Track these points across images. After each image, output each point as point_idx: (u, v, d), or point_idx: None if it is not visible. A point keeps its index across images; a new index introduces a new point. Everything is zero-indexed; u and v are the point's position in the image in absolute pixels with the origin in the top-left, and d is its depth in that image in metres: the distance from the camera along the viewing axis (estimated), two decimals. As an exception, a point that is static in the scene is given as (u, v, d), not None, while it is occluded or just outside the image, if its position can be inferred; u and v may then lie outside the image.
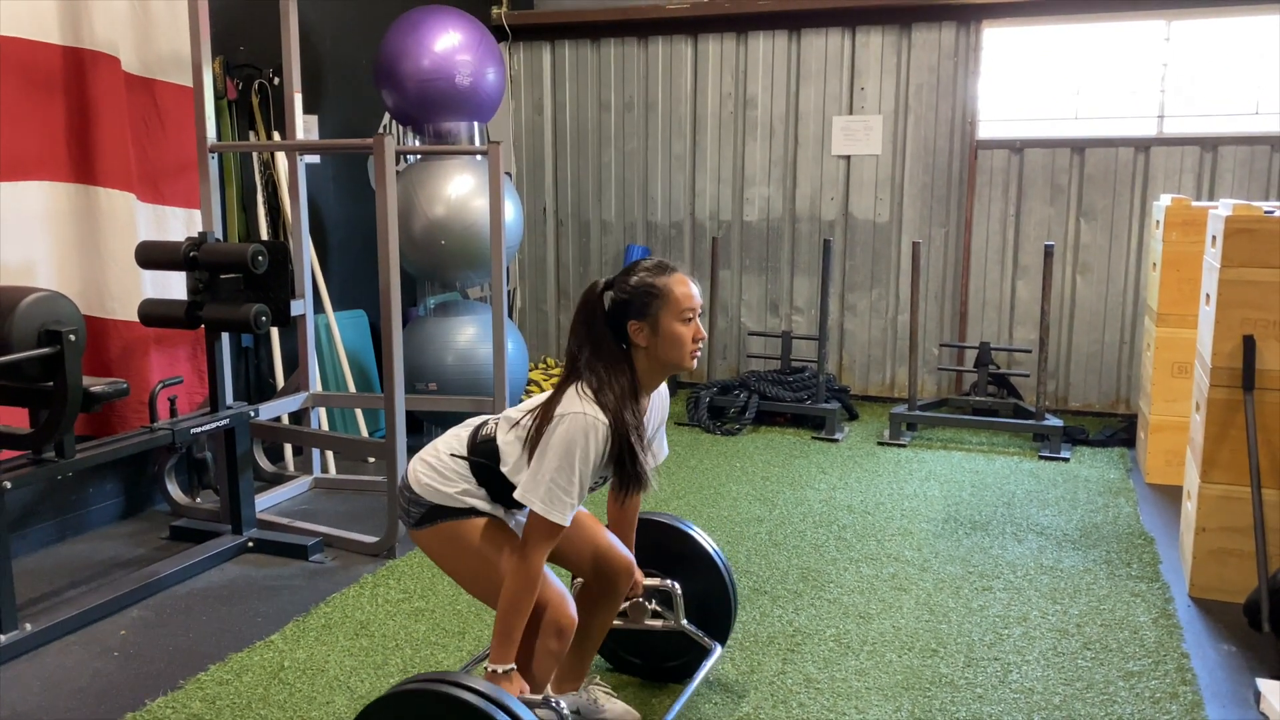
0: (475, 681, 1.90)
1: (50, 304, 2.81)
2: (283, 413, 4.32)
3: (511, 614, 2.07)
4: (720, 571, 2.65)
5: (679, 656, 2.70)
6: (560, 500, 2.04)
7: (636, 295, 2.14)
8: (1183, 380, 4.39)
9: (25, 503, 3.69)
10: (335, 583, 3.44)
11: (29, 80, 3.54)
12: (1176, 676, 2.77)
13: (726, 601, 2.66)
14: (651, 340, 2.15)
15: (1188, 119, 5.42)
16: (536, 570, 2.07)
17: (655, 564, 2.66)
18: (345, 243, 5.25)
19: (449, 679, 1.91)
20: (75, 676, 2.80)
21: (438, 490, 2.20)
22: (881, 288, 6.01)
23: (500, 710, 1.84)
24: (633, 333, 2.15)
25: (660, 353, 2.15)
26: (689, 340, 2.16)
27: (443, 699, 1.86)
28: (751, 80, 6.09)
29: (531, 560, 2.06)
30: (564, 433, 2.04)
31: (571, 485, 2.04)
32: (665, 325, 2.14)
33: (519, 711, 1.86)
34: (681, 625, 2.58)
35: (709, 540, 2.69)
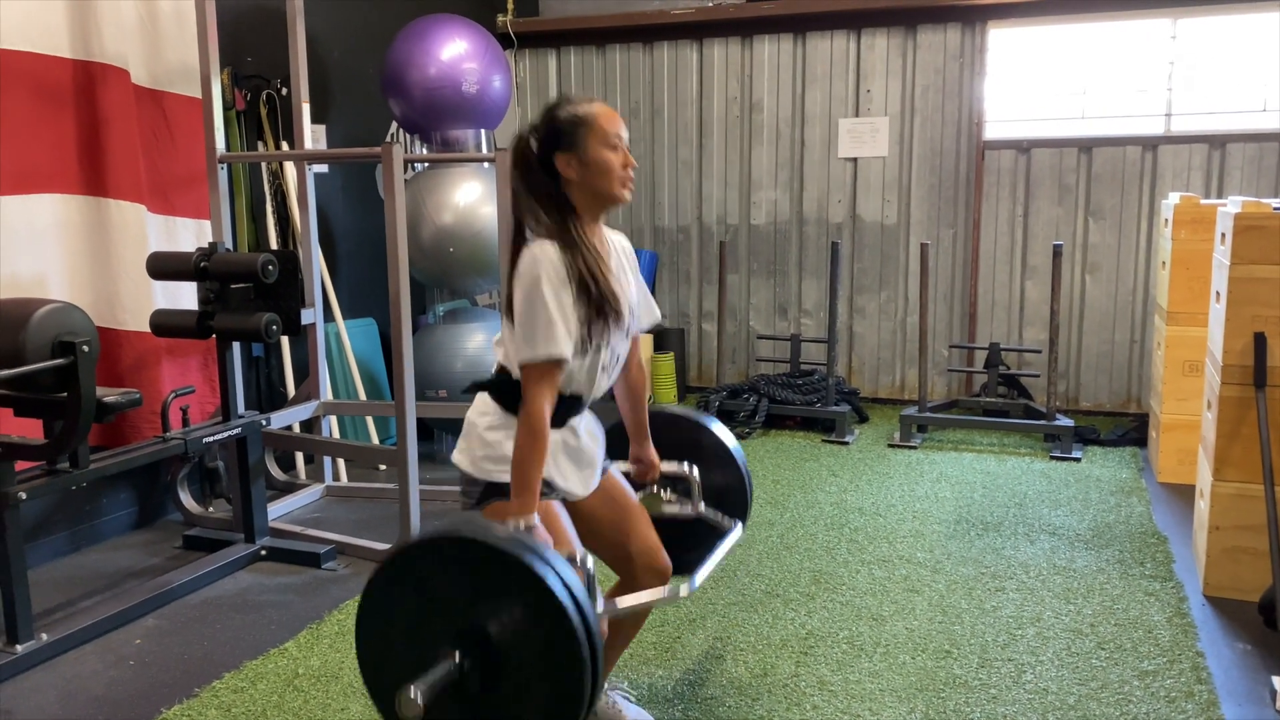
0: (502, 531, 1.83)
1: (63, 315, 2.83)
2: (294, 421, 4.33)
3: (525, 463, 2.01)
4: (736, 462, 2.59)
5: (697, 547, 2.61)
6: (549, 333, 2.01)
7: (561, 127, 2.11)
8: (1194, 379, 4.38)
9: (40, 513, 3.71)
10: (348, 590, 3.45)
11: (40, 94, 3.57)
12: (1192, 675, 2.76)
13: (743, 490, 2.60)
14: (581, 171, 2.11)
15: (1195, 117, 5.41)
16: (540, 413, 2.02)
17: (671, 456, 2.58)
18: (354, 251, 5.27)
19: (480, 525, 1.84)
20: (91, 686, 2.81)
21: (487, 460, 2.16)
22: (890, 290, 6.01)
23: (534, 556, 1.76)
24: (562, 167, 2.11)
25: (592, 183, 2.12)
26: (618, 167, 2.13)
27: (469, 545, 1.79)
28: (757, 84, 6.10)
29: (534, 403, 2.02)
30: (524, 275, 2.04)
31: (552, 316, 2.01)
32: (593, 153, 2.11)
33: (551, 558, 1.78)
34: (700, 510, 2.52)
35: (725, 431, 2.63)
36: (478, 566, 1.79)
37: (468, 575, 1.80)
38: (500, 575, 1.77)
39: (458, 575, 1.81)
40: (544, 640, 1.75)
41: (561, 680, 1.75)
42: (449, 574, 1.82)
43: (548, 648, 1.75)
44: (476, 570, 1.79)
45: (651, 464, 2.51)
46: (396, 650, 1.87)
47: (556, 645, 1.74)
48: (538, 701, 1.77)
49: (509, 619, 1.78)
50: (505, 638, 1.78)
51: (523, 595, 1.76)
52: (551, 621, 1.74)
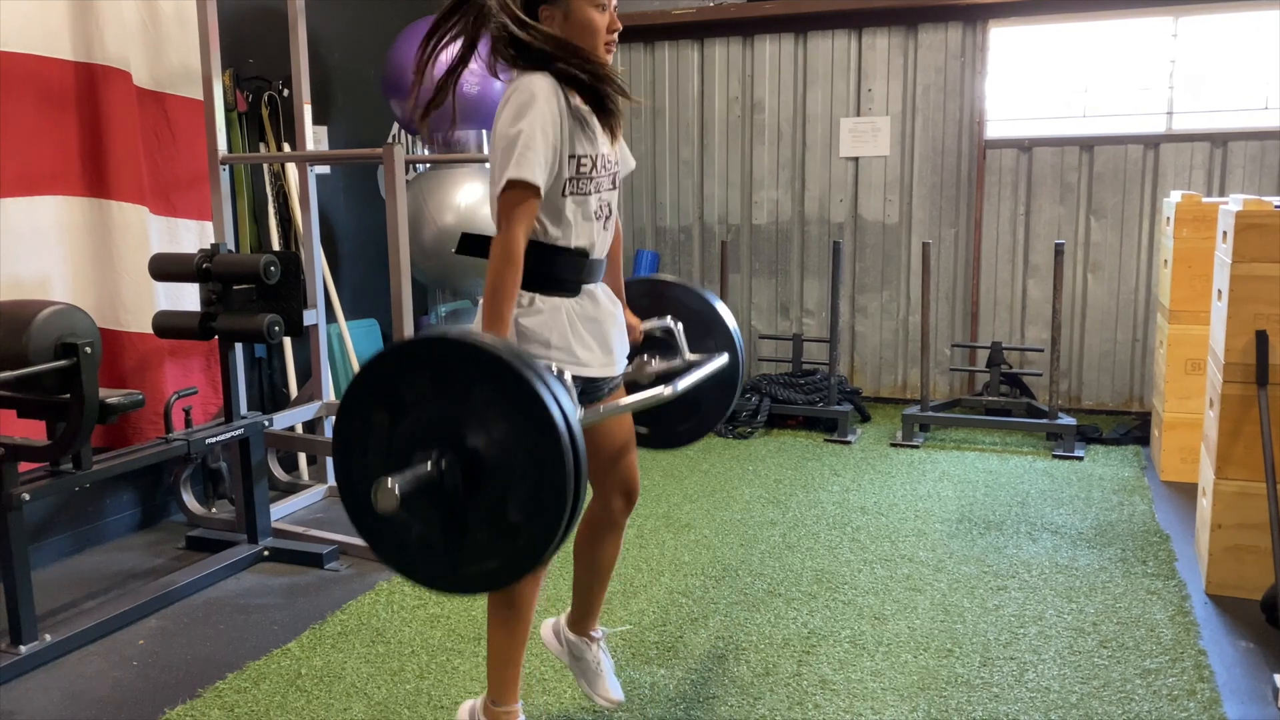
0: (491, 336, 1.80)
1: (66, 317, 2.84)
2: (297, 422, 4.34)
3: (497, 291, 1.99)
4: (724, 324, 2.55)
5: (689, 417, 2.59)
6: (521, 157, 1.95)
7: None
8: (1196, 377, 4.37)
9: (43, 514, 3.72)
10: (351, 590, 3.45)
11: (42, 96, 3.58)
12: (1194, 674, 2.76)
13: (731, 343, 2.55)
14: (565, 28, 2.06)
15: (1197, 115, 5.41)
16: (515, 240, 1.99)
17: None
18: (356, 252, 5.27)
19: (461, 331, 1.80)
20: (95, 686, 2.82)
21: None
22: (892, 289, 6.01)
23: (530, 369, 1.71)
24: (545, 19, 2.05)
25: (574, 40, 2.06)
26: (603, 29, 2.09)
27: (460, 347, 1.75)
28: (758, 84, 6.10)
29: (508, 230, 1.99)
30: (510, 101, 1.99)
31: (531, 140, 1.96)
32: (579, 10, 2.05)
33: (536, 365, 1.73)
34: (687, 358, 2.47)
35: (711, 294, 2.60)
36: (472, 371, 1.74)
37: (460, 379, 1.75)
38: (483, 376, 1.72)
39: (440, 379, 1.76)
40: (527, 442, 1.70)
41: (544, 483, 1.70)
42: (431, 379, 1.76)
43: (531, 450, 1.70)
44: (470, 375, 1.74)
45: (632, 325, 2.47)
46: (377, 450, 1.80)
47: (540, 446, 1.69)
48: (519, 503, 1.73)
49: (493, 424, 1.72)
50: (487, 439, 1.73)
51: (517, 407, 1.71)
52: (535, 423, 1.69)
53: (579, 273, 2.17)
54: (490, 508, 1.75)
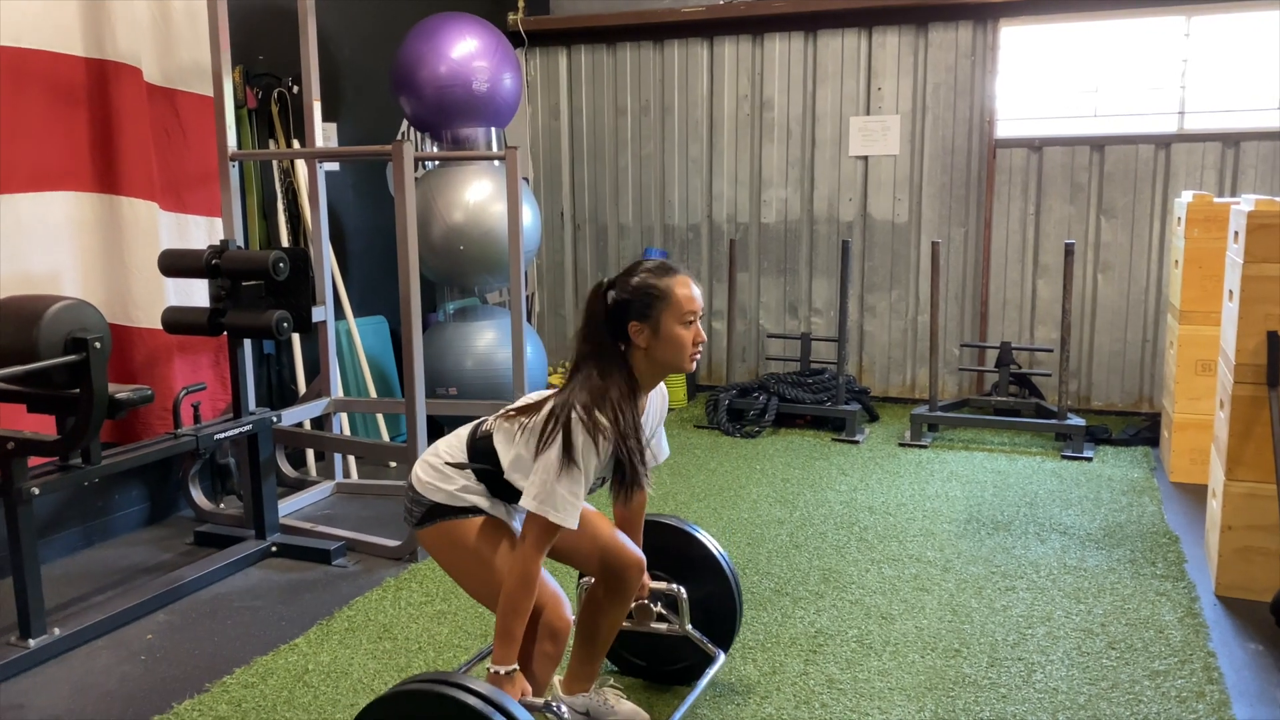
0: (476, 683, 1.90)
1: (76, 312, 2.84)
2: (305, 418, 4.35)
3: (511, 615, 2.07)
4: (726, 576, 2.64)
5: (683, 660, 2.69)
6: (566, 501, 2.05)
7: (638, 296, 2.14)
8: (1206, 378, 4.35)
9: (53, 509, 3.73)
10: (358, 586, 3.46)
11: (53, 92, 3.59)
12: (1203, 675, 2.74)
13: (732, 606, 2.65)
14: (651, 342, 2.14)
15: (1209, 115, 5.38)
16: (534, 570, 2.07)
17: (661, 567, 2.66)
18: (365, 249, 5.28)
19: (450, 680, 1.91)
20: (103, 680, 2.83)
21: (438, 488, 2.21)
22: (901, 288, 5.99)
23: (499, 713, 1.84)
24: (633, 334, 2.15)
25: (659, 355, 2.16)
26: (689, 344, 2.16)
27: (443, 700, 1.87)
28: (768, 82, 6.09)
29: (529, 561, 2.07)
30: (575, 443, 2.05)
31: (576, 485, 2.06)
32: (666, 328, 2.13)
33: (518, 714, 1.86)
34: (686, 631, 2.57)
35: (715, 544, 2.68)
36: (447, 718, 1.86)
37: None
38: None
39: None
40: None
41: None
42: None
43: None
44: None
45: (644, 583, 2.55)
46: None
47: None
48: None
49: None
50: None
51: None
52: None
53: None
54: None
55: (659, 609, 2.60)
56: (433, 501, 2.22)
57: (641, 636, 2.68)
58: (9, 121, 3.44)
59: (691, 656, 2.67)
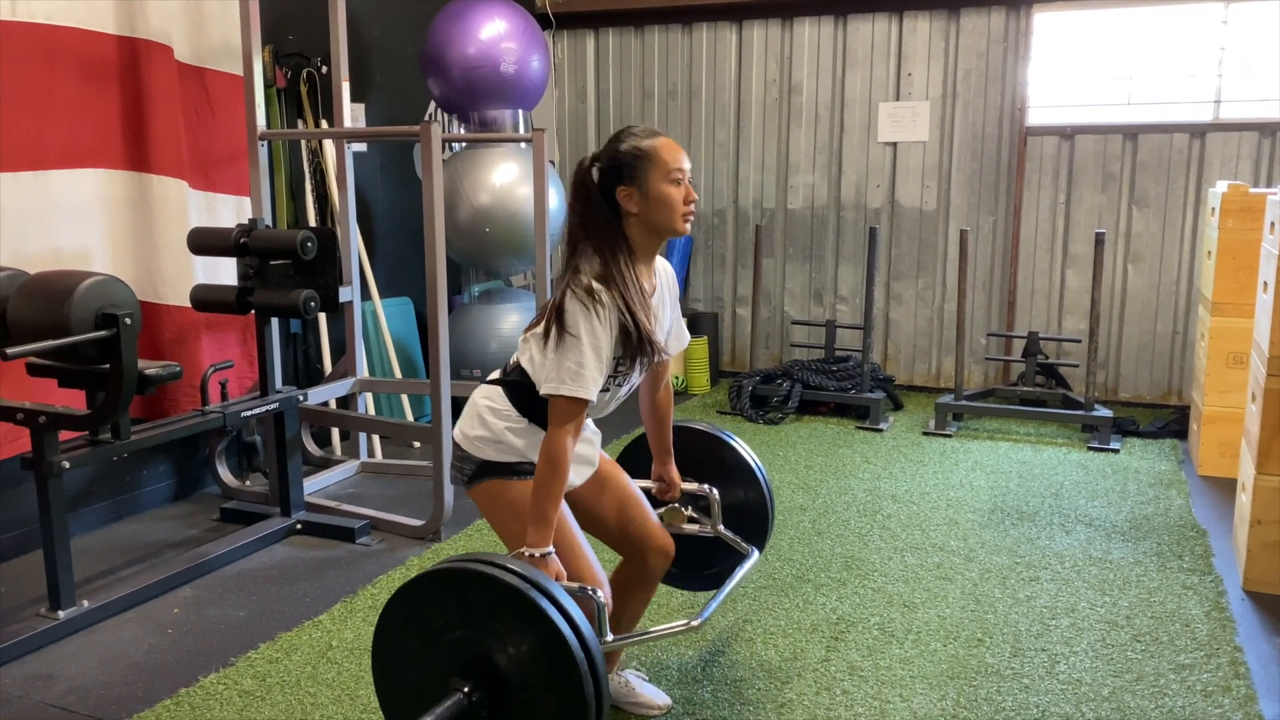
0: (513, 562, 1.88)
1: (107, 288, 2.87)
2: (330, 398, 4.37)
3: (543, 496, 2.05)
4: (759, 481, 2.61)
5: (715, 564, 2.66)
6: (578, 375, 2.04)
7: (624, 160, 2.13)
8: (1238, 371, 4.30)
9: (83, 483, 3.78)
10: (382, 564, 3.48)
11: (86, 70, 3.61)
12: (1229, 670, 2.72)
13: (764, 510, 2.62)
14: (642, 205, 2.13)
15: (1246, 104, 5.29)
16: (563, 447, 2.05)
17: (692, 473, 2.62)
18: (391, 231, 5.29)
19: (487, 558, 1.89)
20: (131, 652, 2.87)
21: (484, 442, 2.20)
22: (928, 276, 5.95)
23: (537, 590, 1.82)
24: (623, 199, 2.13)
25: (652, 217, 2.14)
26: (680, 202, 2.15)
27: (480, 578, 1.85)
28: (797, 67, 6.04)
29: (557, 438, 2.05)
30: (570, 314, 2.06)
31: (585, 360, 2.04)
32: (655, 188, 2.12)
33: (555, 591, 1.84)
34: (719, 531, 2.55)
35: (748, 449, 2.65)
36: (487, 598, 1.85)
37: (478, 606, 1.86)
38: (508, 611, 1.83)
39: (468, 606, 1.87)
40: (549, 673, 1.81)
41: (566, 713, 1.81)
42: (460, 604, 1.88)
43: (552, 680, 1.81)
44: (486, 602, 1.85)
45: (673, 483, 2.55)
46: (410, 676, 1.94)
47: (560, 678, 1.80)
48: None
49: (516, 653, 1.84)
50: (513, 671, 1.85)
51: (529, 629, 1.82)
52: (555, 655, 1.80)
53: None
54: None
55: (690, 512, 2.57)
56: (481, 459, 2.21)
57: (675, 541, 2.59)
58: (42, 98, 3.47)
59: (724, 560, 2.63)
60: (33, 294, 2.85)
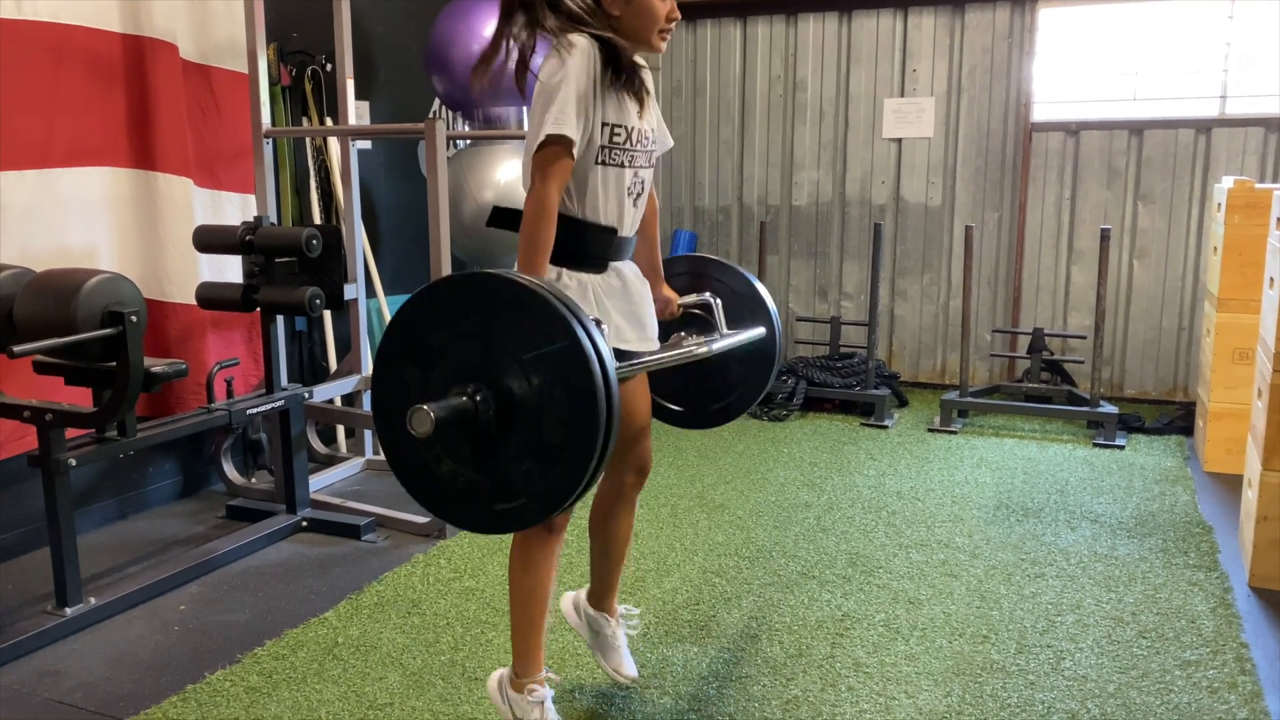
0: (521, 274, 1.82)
1: (113, 286, 2.87)
2: (336, 395, 4.38)
3: (530, 246, 2.00)
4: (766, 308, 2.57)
5: (723, 397, 2.62)
6: (553, 114, 1.96)
7: None
8: (1244, 367, 4.29)
9: (89, 481, 3.79)
10: (387, 562, 3.48)
11: (91, 68, 3.62)
12: (1235, 666, 2.72)
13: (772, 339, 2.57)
14: (624, 9, 2.05)
15: (1252, 99, 5.28)
16: (550, 197, 2.00)
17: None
18: (396, 228, 5.30)
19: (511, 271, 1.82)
20: (137, 649, 2.87)
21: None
22: (933, 273, 5.94)
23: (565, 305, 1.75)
24: (607, 2, 2.05)
25: (632, 24, 2.06)
26: (661, 17, 2.08)
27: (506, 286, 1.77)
28: (801, 63, 6.04)
29: (544, 185, 2.00)
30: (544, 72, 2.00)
31: (564, 98, 1.96)
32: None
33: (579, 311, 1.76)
34: (724, 332, 2.48)
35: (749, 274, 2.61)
36: (510, 307, 1.77)
37: (499, 314, 1.77)
38: (533, 318, 1.75)
39: (489, 313, 1.78)
40: (564, 388, 1.73)
41: (576, 416, 1.73)
42: (481, 310, 1.79)
43: (566, 397, 1.73)
44: (508, 311, 1.77)
45: (668, 299, 2.48)
46: (415, 379, 1.84)
47: (575, 396, 1.72)
48: (551, 437, 1.76)
49: (534, 364, 1.75)
50: (525, 383, 1.76)
51: (541, 335, 1.74)
52: (576, 371, 1.72)
53: (607, 249, 2.17)
54: (523, 443, 1.77)
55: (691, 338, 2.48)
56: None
57: (676, 374, 2.55)
58: (48, 97, 3.47)
59: (730, 393, 2.59)
60: (39, 292, 2.86)
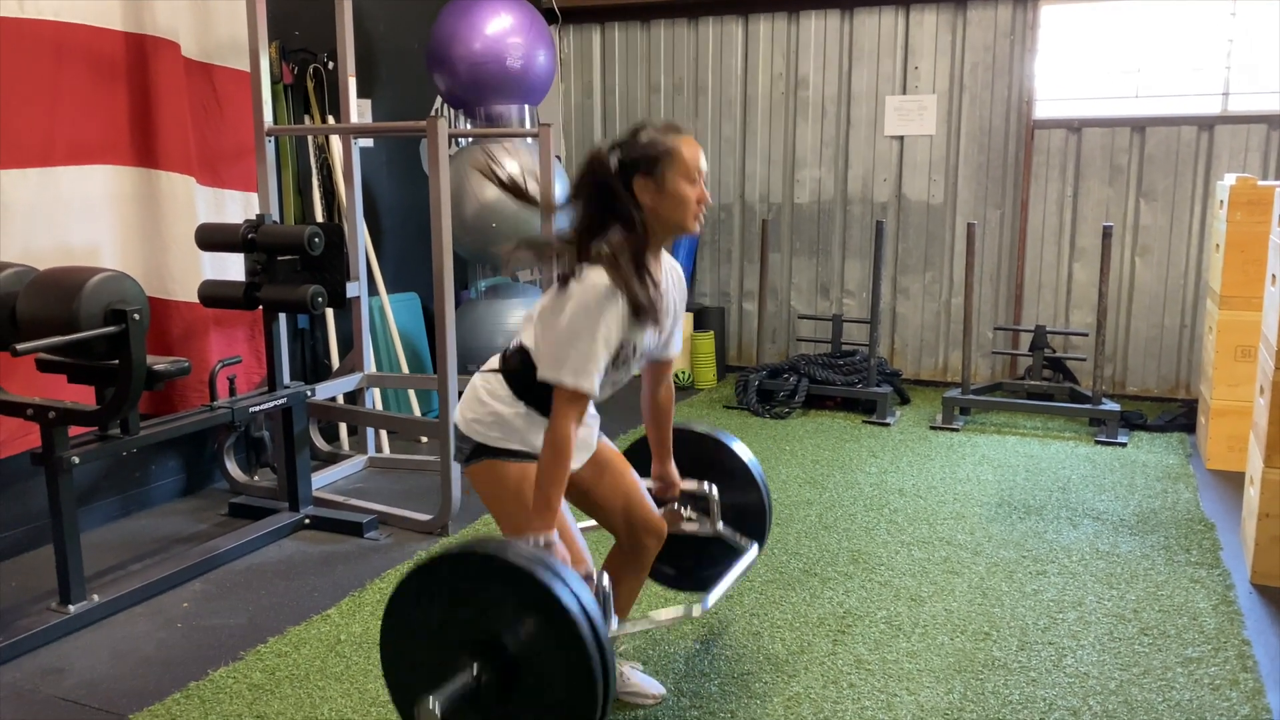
0: (521, 546, 1.89)
1: (116, 284, 2.88)
2: (338, 393, 4.39)
3: (548, 482, 2.06)
4: (757, 482, 2.65)
5: (713, 565, 2.70)
6: (584, 367, 2.05)
7: (645, 153, 2.12)
8: (1246, 364, 4.29)
9: (92, 478, 3.80)
10: (389, 559, 3.49)
11: (93, 66, 3.62)
12: (1237, 663, 2.72)
13: (762, 511, 2.66)
14: (657, 199, 2.12)
15: (1254, 96, 5.27)
16: (566, 436, 2.06)
17: (691, 472, 2.65)
18: (398, 226, 5.30)
19: (496, 542, 1.90)
20: (141, 646, 2.88)
21: (481, 424, 2.21)
22: (935, 270, 5.94)
23: (550, 573, 1.82)
24: (638, 190, 2.12)
25: (665, 213, 2.13)
26: (693, 201, 2.15)
27: (491, 561, 1.85)
28: (803, 60, 6.03)
29: (561, 425, 2.06)
30: (579, 299, 2.06)
31: (593, 350, 2.05)
32: (671, 184, 2.12)
33: (566, 576, 1.84)
34: (718, 529, 2.58)
35: (746, 451, 2.69)
36: (498, 582, 1.86)
37: (488, 590, 1.87)
38: (518, 591, 1.84)
39: (479, 589, 1.88)
40: (558, 654, 1.82)
41: (574, 693, 1.81)
42: (470, 587, 1.89)
43: (562, 662, 1.82)
44: (497, 585, 1.86)
45: (673, 482, 2.59)
46: (418, 657, 1.95)
47: (570, 660, 1.81)
48: (552, 713, 1.85)
49: (526, 633, 1.85)
50: (522, 651, 1.85)
51: (539, 611, 1.83)
52: (566, 637, 1.81)
53: None
54: (527, 705, 1.87)
55: (689, 512, 2.60)
56: (476, 441, 2.22)
57: (673, 542, 2.63)
58: (50, 95, 3.48)
59: (722, 561, 2.65)
60: (42, 290, 2.86)
